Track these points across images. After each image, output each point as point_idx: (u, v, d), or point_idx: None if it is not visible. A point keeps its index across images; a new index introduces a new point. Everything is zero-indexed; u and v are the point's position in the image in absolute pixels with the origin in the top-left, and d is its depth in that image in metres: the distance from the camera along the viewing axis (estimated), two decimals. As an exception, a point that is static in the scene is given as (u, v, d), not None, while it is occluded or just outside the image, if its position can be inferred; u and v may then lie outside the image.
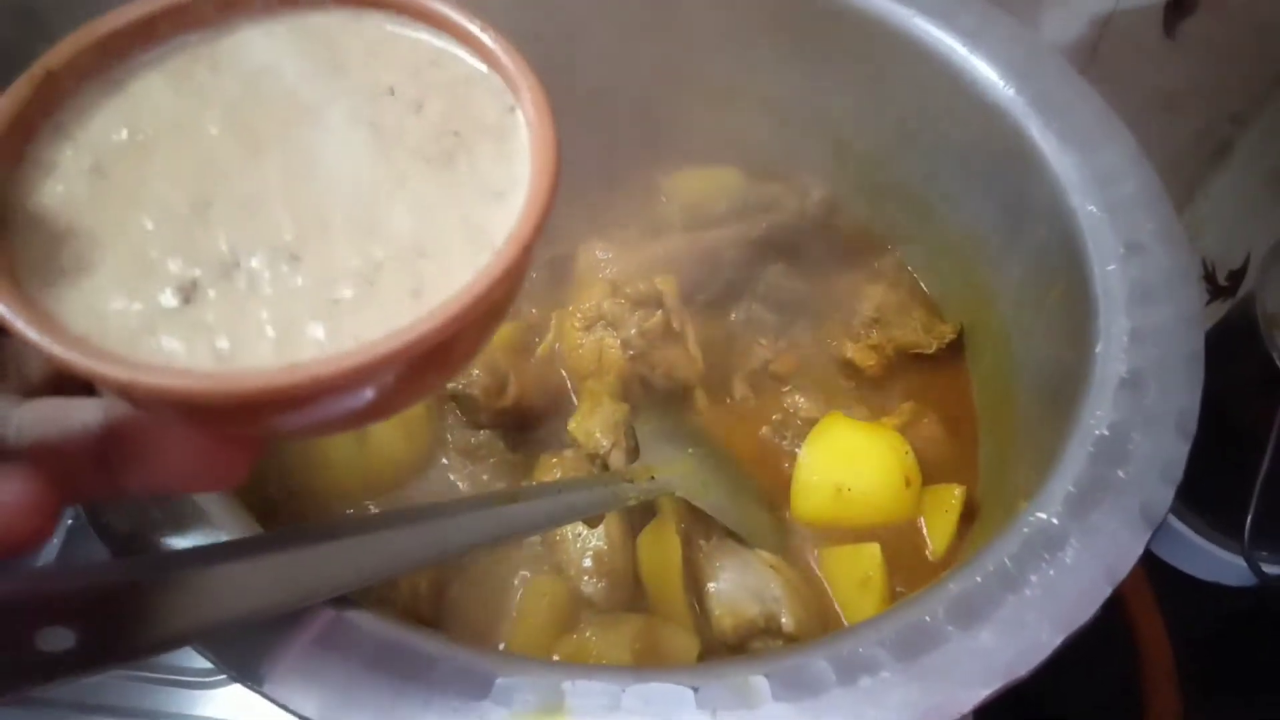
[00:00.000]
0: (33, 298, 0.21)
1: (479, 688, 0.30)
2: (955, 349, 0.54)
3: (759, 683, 0.30)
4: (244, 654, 0.30)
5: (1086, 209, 0.42)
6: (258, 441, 0.24)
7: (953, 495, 0.47)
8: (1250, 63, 0.69)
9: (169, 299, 0.22)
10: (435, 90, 0.25)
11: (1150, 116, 0.43)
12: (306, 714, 0.29)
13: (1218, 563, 0.64)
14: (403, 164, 0.24)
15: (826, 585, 0.46)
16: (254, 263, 0.22)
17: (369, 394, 0.22)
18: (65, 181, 0.23)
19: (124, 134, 0.24)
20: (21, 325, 0.20)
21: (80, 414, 0.22)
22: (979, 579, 0.32)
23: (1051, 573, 0.32)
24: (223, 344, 0.21)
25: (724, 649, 0.44)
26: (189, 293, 0.22)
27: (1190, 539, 0.64)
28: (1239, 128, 0.72)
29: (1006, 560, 0.32)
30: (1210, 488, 0.53)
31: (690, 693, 0.30)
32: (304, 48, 0.25)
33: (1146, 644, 0.59)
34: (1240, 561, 0.61)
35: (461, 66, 0.25)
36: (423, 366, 0.21)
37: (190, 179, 0.23)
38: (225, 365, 0.21)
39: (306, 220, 0.23)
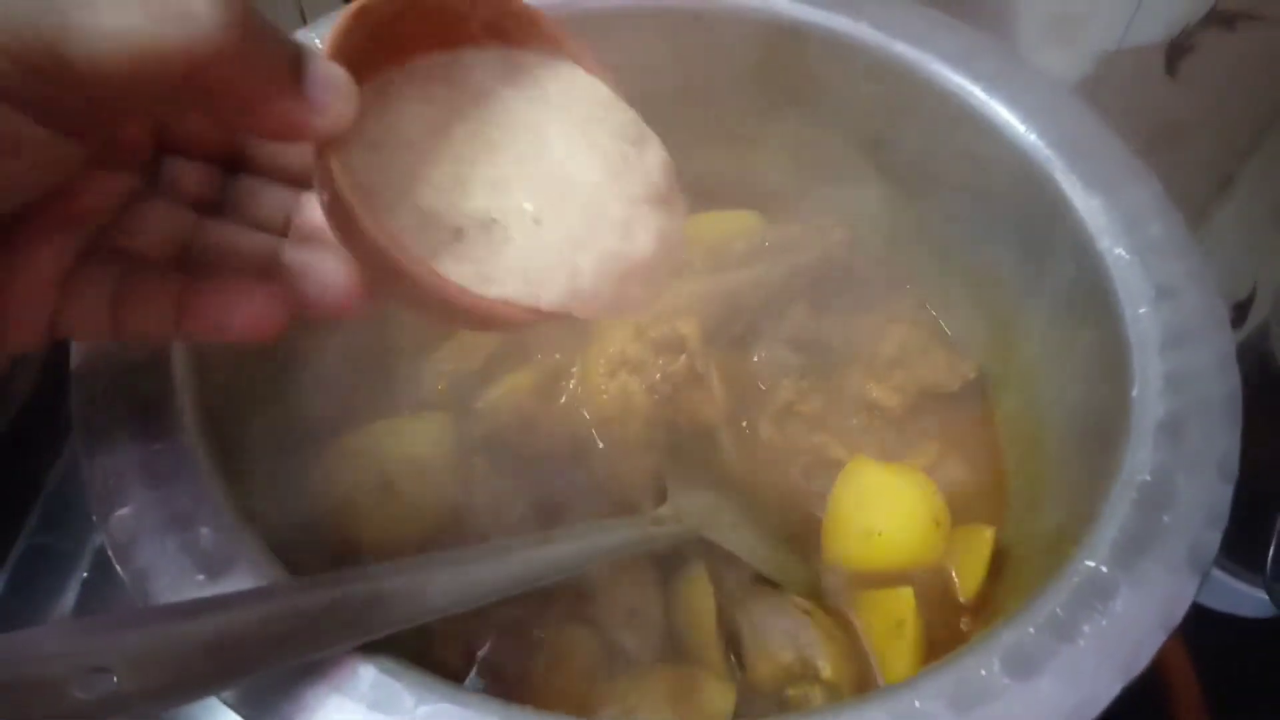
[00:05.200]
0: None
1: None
2: (976, 389, 0.54)
3: (819, 739, 0.30)
4: (269, 702, 0.29)
5: (1115, 252, 0.42)
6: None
7: (982, 537, 0.47)
8: (1250, 98, 0.70)
9: (446, 238, 0.29)
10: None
11: (1154, 151, 0.44)
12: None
13: (1235, 594, 0.64)
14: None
15: (859, 629, 0.46)
16: (508, 222, 0.30)
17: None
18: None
19: (387, 131, 0.30)
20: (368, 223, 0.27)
21: None
22: (1031, 630, 0.32)
23: (1104, 622, 0.32)
24: (483, 270, 0.29)
25: (759, 697, 0.43)
26: (460, 237, 0.29)
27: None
28: (1241, 161, 0.73)
29: (1058, 610, 0.32)
30: (1229, 520, 0.54)
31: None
32: (514, 79, 0.32)
33: (1173, 677, 0.58)
34: (1259, 593, 0.61)
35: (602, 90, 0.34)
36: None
37: (448, 163, 0.30)
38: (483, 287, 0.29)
39: (543, 198, 0.30)
